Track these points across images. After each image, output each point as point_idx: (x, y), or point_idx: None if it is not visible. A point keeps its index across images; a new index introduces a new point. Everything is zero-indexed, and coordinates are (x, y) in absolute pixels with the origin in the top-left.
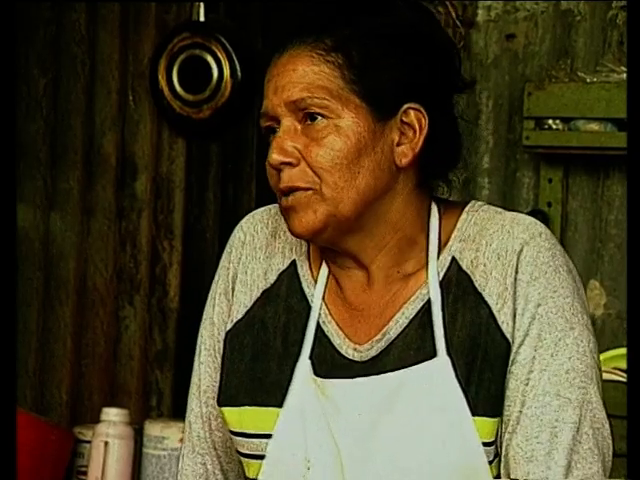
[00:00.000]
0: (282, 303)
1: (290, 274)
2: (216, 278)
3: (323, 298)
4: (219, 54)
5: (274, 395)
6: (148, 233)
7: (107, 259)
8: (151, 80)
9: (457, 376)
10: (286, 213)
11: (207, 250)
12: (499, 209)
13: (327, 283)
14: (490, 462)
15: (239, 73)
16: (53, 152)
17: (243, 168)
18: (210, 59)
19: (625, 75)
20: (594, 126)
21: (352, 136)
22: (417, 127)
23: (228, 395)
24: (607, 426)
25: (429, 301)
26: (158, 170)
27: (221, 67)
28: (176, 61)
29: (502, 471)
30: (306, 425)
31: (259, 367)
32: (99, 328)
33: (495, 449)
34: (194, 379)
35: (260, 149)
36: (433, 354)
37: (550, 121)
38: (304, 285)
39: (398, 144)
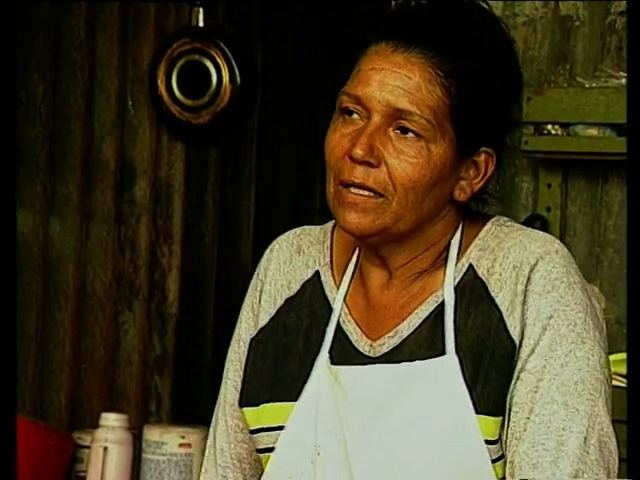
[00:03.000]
0: (305, 309)
1: (313, 283)
2: (245, 298)
3: (344, 300)
4: (218, 59)
5: (292, 391)
6: (147, 238)
7: (106, 264)
8: (150, 85)
9: (464, 374)
10: (342, 204)
11: (206, 255)
12: (522, 226)
13: (350, 286)
14: (493, 461)
15: (238, 78)
16: (52, 157)
17: (242, 173)
18: (209, 64)
19: (624, 80)
20: (593, 131)
21: (438, 165)
22: (483, 170)
23: (249, 396)
24: (614, 441)
25: (443, 303)
26: (157, 175)
27: (220, 72)
28: (175, 66)
29: (507, 478)
30: (318, 412)
31: (280, 368)
32: (98, 333)
33: (498, 449)
34: (220, 395)
35: (260, 154)
36: (442, 352)
37: (549, 126)
38: (327, 291)
39: (461, 178)
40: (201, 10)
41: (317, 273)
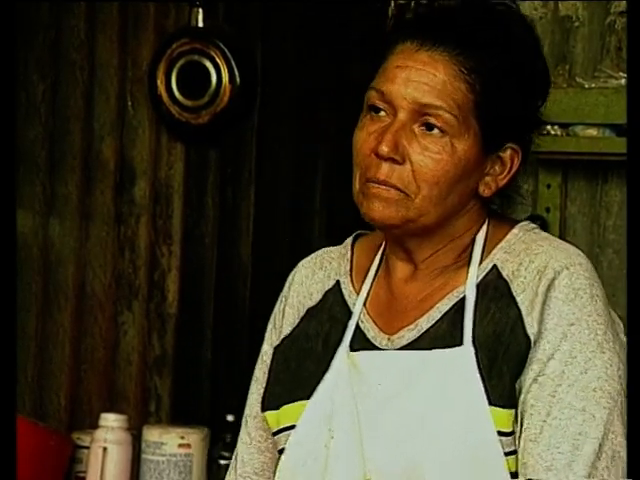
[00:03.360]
0: (326, 315)
1: (334, 292)
2: (269, 321)
3: (364, 304)
4: (218, 60)
5: (310, 389)
6: (147, 238)
7: (106, 264)
8: (150, 85)
9: (479, 366)
10: (366, 197)
11: (206, 255)
12: (549, 235)
13: (370, 288)
14: (506, 454)
15: (238, 78)
16: (52, 157)
17: (242, 173)
18: (209, 64)
19: (623, 81)
20: (592, 131)
21: (462, 161)
22: (509, 165)
23: (270, 400)
24: (624, 454)
25: (464, 299)
26: (157, 175)
27: (220, 72)
28: (175, 66)
29: (520, 478)
30: (334, 398)
31: (300, 371)
32: (98, 334)
33: (511, 442)
34: (245, 410)
35: (259, 155)
36: (459, 344)
37: (548, 126)
38: (346, 296)
39: (486, 174)
40: (201, 10)
41: (338, 282)
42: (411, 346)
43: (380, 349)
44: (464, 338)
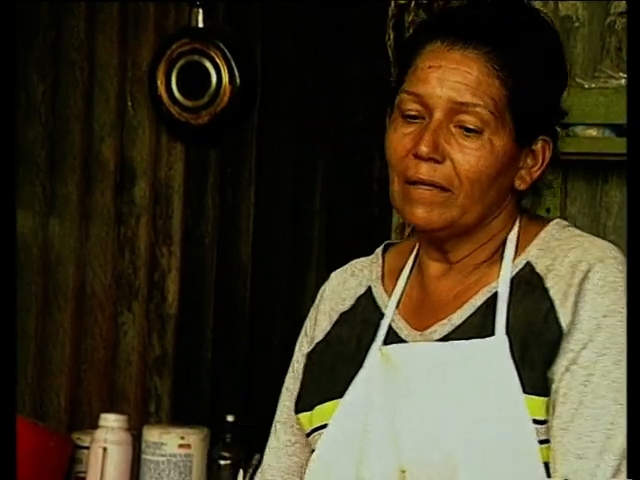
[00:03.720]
0: (358, 318)
1: (366, 296)
2: (301, 332)
3: (396, 306)
4: (218, 60)
5: (343, 388)
6: (147, 239)
7: (106, 265)
8: (150, 86)
9: (512, 355)
10: (410, 201)
11: (206, 256)
12: (583, 232)
13: (403, 290)
14: (540, 442)
15: (237, 79)
16: (52, 158)
17: (242, 174)
18: (209, 65)
19: (623, 81)
20: (592, 132)
21: (500, 156)
22: (541, 158)
23: (304, 402)
24: None
25: (496, 294)
26: (157, 176)
27: (220, 73)
28: (175, 67)
29: (550, 467)
30: (368, 393)
31: (334, 374)
32: (98, 334)
33: (545, 431)
34: (275, 417)
35: (259, 155)
36: (492, 335)
37: None
38: (378, 299)
39: (520, 168)
40: (201, 11)
41: (369, 287)
42: (444, 340)
43: None
44: (496, 328)
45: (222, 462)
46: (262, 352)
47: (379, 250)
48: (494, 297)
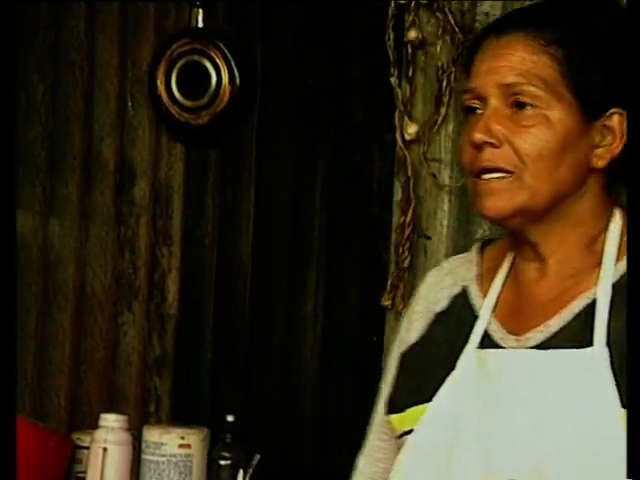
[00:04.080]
0: (453, 319)
1: (462, 296)
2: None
3: (492, 307)
4: (218, 60)
5: (436, 392)
6: (147, 239)
7: (106, 265)
8: (150, 86)
9: (612, 367)
10: (481, 195)
11: (206, 256)
12: None
13: (500, 290)
14: None
15: (238, 79)
16: (51, 158)
17: (242, 174)
18: (209, 65)
19: None
20: None
21: (560, 130)
22: (618, 133)
23: (396, 404)
24: None
25: (595, 300)
26: (157, 176)
27: (220, 73)
28: (175, 67)
29: None
30: (459, 397)
31: (426, 376)
32: (98, 334)
33: None
34: (370, 421)
35: (259, 155)
36: (590, 345)
37: None
38: (473, 301)
39: (597, 146)
40: (201, 11)
41: (465, 287)
42: (540, 347)
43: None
44: (595, 339)
45: (222, 462)
46: (262, 352)
47: (476, 247)
48: (593, 304)
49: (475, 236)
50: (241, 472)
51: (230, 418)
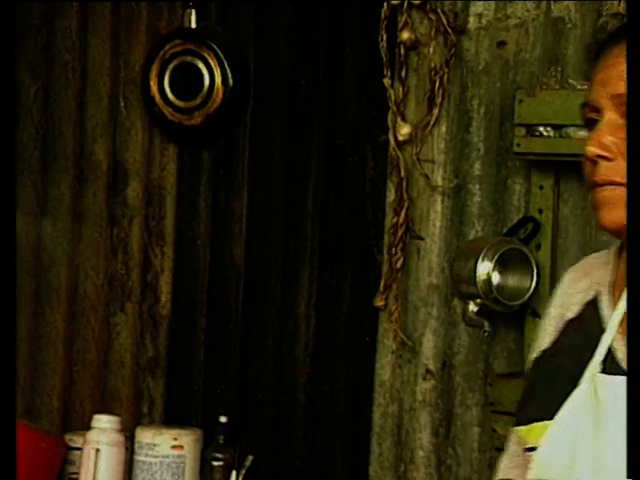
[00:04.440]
0: (581, 329)
1: (593, 304)
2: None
3: (620, 320)
4: (210, 61)
5: (557, 409)
6: (139, 240)
7: (98, 266)
8: (142, 87)
9: None
10: (598, 206)
11: (198, 257)
12: None
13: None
14: None
15: (230, 80)
16: (44, 159)
17: (234, 175)
18: (201, 66)
19: None
20: (585, 133)
21: None
22: None
23: (523, 415)
24: None
25: None
26: (149, 177)
27: (212, 74)
28: (167, 68)
29: None
30: (579, 417)
31: (552, 388)
32: (90, 335)
33: None
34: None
35: (252, 156)
36: None
37: (541, 128)
38: (603, 311)
39: None
40: (193, 11)
41: (597, 294)
42: None
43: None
44: None
45: (215, 463)
46: (255, 353)
47: (614, 248)
48: None
49: (468, 237)
50: (234, 473)
51: (223, 419)
